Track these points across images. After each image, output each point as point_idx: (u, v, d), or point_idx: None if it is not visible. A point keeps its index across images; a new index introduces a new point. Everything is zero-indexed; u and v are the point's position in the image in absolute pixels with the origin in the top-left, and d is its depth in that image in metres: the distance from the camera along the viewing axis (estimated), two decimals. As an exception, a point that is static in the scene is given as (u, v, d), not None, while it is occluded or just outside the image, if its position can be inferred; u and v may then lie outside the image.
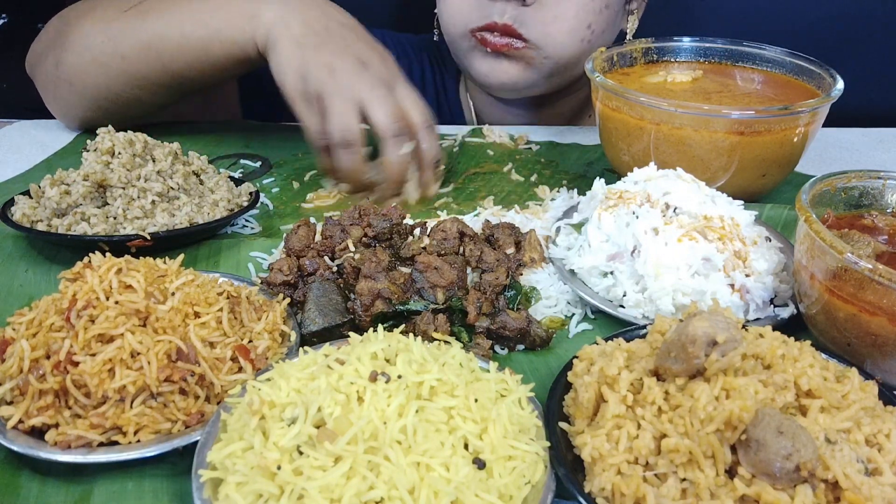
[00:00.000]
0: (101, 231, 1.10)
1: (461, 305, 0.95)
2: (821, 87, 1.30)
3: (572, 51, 1.53)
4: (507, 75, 1.56)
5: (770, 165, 1.22)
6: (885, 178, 1.02)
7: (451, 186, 1.41)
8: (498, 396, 0.77)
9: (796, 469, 0.63)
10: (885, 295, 0.80)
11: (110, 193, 1.14)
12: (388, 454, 0.66)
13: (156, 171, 1.17)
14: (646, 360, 0.76)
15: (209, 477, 0.69)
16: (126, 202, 1.13)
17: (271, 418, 0.70)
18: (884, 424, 0.70)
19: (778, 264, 1.02)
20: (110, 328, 0.79)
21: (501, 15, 1.48)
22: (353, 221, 1.07)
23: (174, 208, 1.16)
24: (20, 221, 1.12)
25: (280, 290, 1.00)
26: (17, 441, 0.76)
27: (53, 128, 1.64)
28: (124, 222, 1.12)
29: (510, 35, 1.49)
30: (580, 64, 1.54)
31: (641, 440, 0.69)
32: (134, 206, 1.13)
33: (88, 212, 1.12)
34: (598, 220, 1.06)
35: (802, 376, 0.72)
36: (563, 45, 1.51)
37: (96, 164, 1.14)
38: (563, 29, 1.49)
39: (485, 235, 1.11)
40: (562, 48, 1.52)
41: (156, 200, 1.15)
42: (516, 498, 0.68)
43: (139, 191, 1.14)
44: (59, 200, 1.12)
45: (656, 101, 1.19)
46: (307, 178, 1.45)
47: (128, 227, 1.11)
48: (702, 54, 1.45)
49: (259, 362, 0.85)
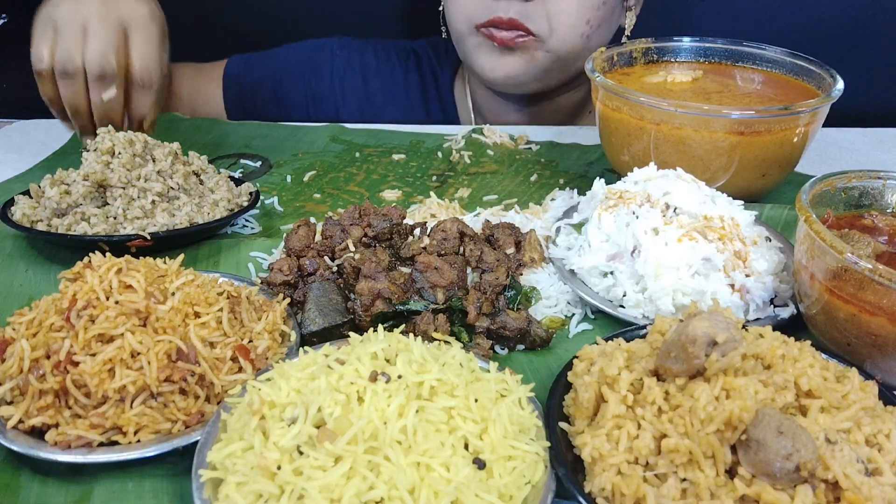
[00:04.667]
0: (102, 231, 1.10)
1: (461, 305, 0.95)
2: (821, 87, 1.29)
3: (572, 45, 1.56)
4: (510, 68, 1.59)
5: (770, 165, 1.22)
6: (885, 178, 1.02)
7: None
8: (498, 396, 0.77)
9: (796, 469, 0.63)
10: (885, 295, 0.80)
11: (110, 193, 1.14)
12: (388, 454, 0.66)
13: (156, 171, 1.17)
14: (646, 360, 0.76)
15: (209, 477, 0.69)
16: (126, 202, 1.13)
17: (271, 418, 0.70)
18: (884, 424, 0.70)
19: (778, 264, 1.02)
20: (110, 328, 0.79)
21: (506, 11, 1.50)
22: (353, 221, 1.07)
23: (174, 208, 1.16)
24: (20, 221, 1.12)
25: (280, 290, 1.00)
26: (17, 441, 0.76)
27: (53, 128, 1.64)
28: (124, 222, 1.12)
29: (516, 29, 1.51)
30: (579, 59, 1.57)
31: (641, 440, 0.69)
32: (134, 205, 1.13)
33: (88, 212, 1.12)
34: (598, 220, 1.06)
35: (802, 376, 0.72)
36: (563, 38, 1.55)
37: (96, 164, 1.14)
38: (564, 23, 1.53)
39: (485, 235, 1.11)
40: (562, 42, 1.55)
41: (156, 200, 1.15)
42: (516, 498, 0.68)
43: (139, 191, 1.14)
44: (59, 200, 1.12)
45: (656, 101, 1.19)
46: (307, 178, 1.45)
47: (128, 227, 1.11)
48: (702, 54, 1.45)
49: (259, 362, 0.85)
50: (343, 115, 1.86)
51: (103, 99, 1.22)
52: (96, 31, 1.19)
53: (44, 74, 1.21)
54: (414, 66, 1.90)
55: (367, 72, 1.88)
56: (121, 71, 1.23)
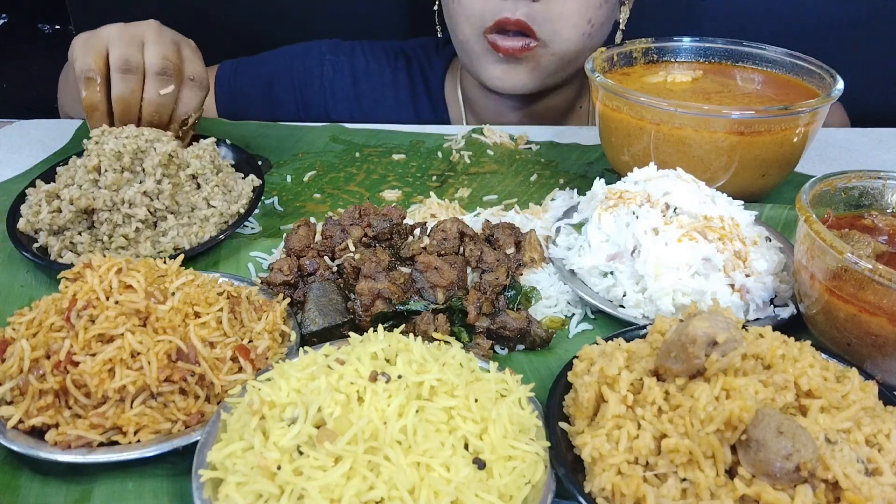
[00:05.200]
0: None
1: (461, 305, 0.95)
2: (821, 87, 1.29)
3: (575, 45, 1.57)
4: (518, 78, 1.60)
5: (770, 165, 1.22)
6: (885, 178, 1.02)
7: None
8: (498, 396, 0.77)
9: (796, 469, 0.63)
10: (885, 295, 0.80)
11: (97, 217, 1.11)
12: (388, 454, 0.66)
13: (141, 193, 1.12)
14: (646, 360, 0.76)
15: (209, 477, 0.69)
16: (111, 228, 1.11)
17: (271, 418, 0.70)
18: (884, 424, 0.70)
19: (778, 264, 1.02)
20: (110, 328, 0.79)
21: (514, 11, 1.50)
22: (353, 221, 1.07)
23: (160, 233, 1.13)
24: (24, 229, 1.13)
25: (280, 290, 1.00)
26: (17, 441, 0.76)
27: (53, 128, 1.64)
28: (110, 248, 1.11)
29: (524, 31, 1.52)
30: (580, 59, 1.57)
31: (641, 440, 0.69)
32: (118, 232, 1.11)
33: (76, 239, 1.11)
34: (598, 220, 1.06)
35: (802, 376, 0.72)
36: (568, 40, 1.55)
37: (83, 185, 1.12)
38: (568, 25, 1.53)
39: (485, 235, 1.11)
40: (567, 44, 1.55)
41: (139, 228, 1.12)
42: (516, 498, 0.68)
43: (123, 216, 1.11)
44: (51, 222, 1.10)
45: (656, 101, 1.19)
46: (307, 178, 1.45)
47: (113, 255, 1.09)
48: (702, 54, 1.45)
49: (259, 362, 0.85)
50: (334, 117, 1.86)
51: (160, 94, 1.26)
52: (154, 39, 1.27)
53: (92, 78, 1.25)
54: (403, 66, 1.90)
55: (356, 73, 1.89)
56: (178, 70, 1.29)
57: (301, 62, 1.90)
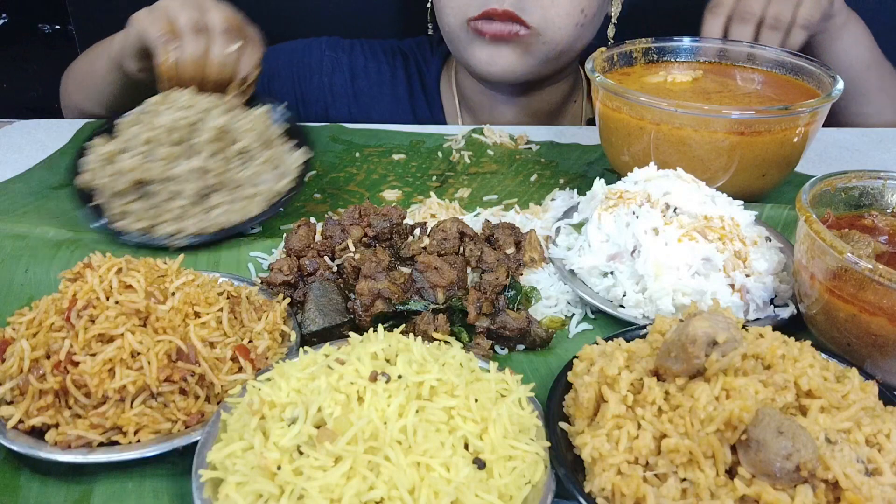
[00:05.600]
0: (140, 228, 1.15)
1: (461, 305, 0.95)
2: (821, 87, 1.29)
3: (568, 34, 1.57)
4: (506, 61, 1.59)
5: (770, 165, 1.22)
6: (885, 178, 1.02)
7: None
8: (498, 396, 0.77)
9: (796, 469, 0.63)
10: (885, 295, 0.80)
11: (150, 187, 1.17)
12: (388, 454, 0.66)
13: (190, 170, 1.17)
14: (646, 360, 0.76)
15: (209, 477, 0.69)
16: (162, 201, 1.16)
17: (271, 418, 0.70)
18: (884, 424, 0.70)
19: (778, 264, 1.02)
20: (110, 328, 0.79)
21: (501, 3, 1.50)
22: (353, 221, 1.07)
23: (208, 208, 1.17)
24: (88, 182, 1.18)
25: (280, 290, 1.00)
26: (17, 441, 0.76)
27: (53, 128, 1.64)
28: (160, 220, 1.16)
29: (512, 20, 1.52)
30: (573, 48, 1.59)
31: (641, 440, 0.69)
32: (168, 205, 1.16)
33: (129, 208, 1.16)
34: (598, 220, 1.06)
35: (802, 376, 0.72)
36: (561, 28, 1.55)
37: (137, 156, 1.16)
38: (560, 13, 1.53)
39: (485, 235, 1.11)
40: (560, 32, 1.56)
41: (186, 204, 1.16)
42: (516, 498, 0.68)
43: (173, 192, 1.16)
44: (111, 183, 1.15)
45: (656, 101, 1.19)
46: (307, 178, 1.45)
47: (164, 227, 1.15)
48: (702, 54, 1.45)
49: (259, 362, 0.85)
50: (332, 114, 1.87)
51: (227, 52, 1.31)
52: (214, 3, 1.33)
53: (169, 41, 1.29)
54: (401, 64, 1.92)
55: (355, 70, 1.90)
56: (240, 29, 1.34)
57: (301, 58, 1.91)
